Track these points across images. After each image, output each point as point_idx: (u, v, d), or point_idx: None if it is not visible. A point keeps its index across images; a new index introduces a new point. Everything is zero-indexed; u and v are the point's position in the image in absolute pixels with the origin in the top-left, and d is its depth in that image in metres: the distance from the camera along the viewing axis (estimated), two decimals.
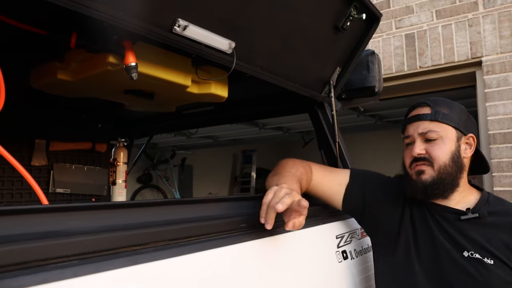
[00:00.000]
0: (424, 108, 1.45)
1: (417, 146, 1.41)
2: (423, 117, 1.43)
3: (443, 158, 1.39)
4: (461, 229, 1.38)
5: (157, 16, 1.16)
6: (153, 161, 7.79)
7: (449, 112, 1.43)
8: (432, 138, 1.40)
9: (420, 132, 1.42)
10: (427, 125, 1.41)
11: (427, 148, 1.41)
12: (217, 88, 1.72)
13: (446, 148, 1.40)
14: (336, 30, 1.75)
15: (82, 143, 2.65)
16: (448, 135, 1.41)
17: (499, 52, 3.42)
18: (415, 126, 1.44)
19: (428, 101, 1.47)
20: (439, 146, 1.40)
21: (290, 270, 1.25)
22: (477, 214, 1.37)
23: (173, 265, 0.88)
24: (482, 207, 1.40)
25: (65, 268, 0.71)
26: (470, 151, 1.46)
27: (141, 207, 0.95)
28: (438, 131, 1.40)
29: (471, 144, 1.46)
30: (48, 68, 1.54)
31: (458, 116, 1.43)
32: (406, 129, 1.49)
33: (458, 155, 1.42)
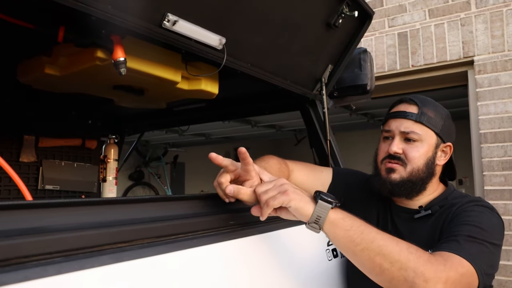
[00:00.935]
0: (411, 106, 1.42)
1: (395, 144, 1.39)
2: (408, 115, 1.40)
3: (417, 162, 1.38)
4: (412, 228, 1.39)
5: (146, 11, 1.14)
6: (145, 159, 7.77)
7: (435, 116, 1.41)
8: (413, 139, 1.38)
9: (402, 131, 1.39)
10: (410, 125, 1.39)
11: (405, 148, 1.39)
12: (208, 85, 1.71)
13: (423, 152, 1.38)
14: (328, 27, 1.74)
15: (72, 139, 2.63)
16: (428, 140, 1.39)
17: (491, 52, 3.43)
18: (398, 123, 1.41)
19: (416, 99, 1.44)
20: (417, 148, 1.38)
21: (279, 268, 1.24)
22: (429, 211, 1.37)
23: (159, 263, 0.87)
24: (437, 203, 1.39)
25: (47, 266, 0.70)
26: (444, 159, 1.45)
27: (127, 203, 0.94)
28: (420, 133, 1.38)
29: (447, 153, 1.45)
30: (36, 63, 1.52)
31: (442, 122, 1.42)
32: (388, 122, 1.46)
33: (432, 161, 1.41)
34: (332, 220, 1.05)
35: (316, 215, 1.04)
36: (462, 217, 1.26)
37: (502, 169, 3.30)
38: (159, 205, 1.01)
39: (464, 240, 1.16)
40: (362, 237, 1.04)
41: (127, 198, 0.97)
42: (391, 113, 1.47)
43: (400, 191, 1.40)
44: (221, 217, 1.12)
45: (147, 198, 1.00)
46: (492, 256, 1.19)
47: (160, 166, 8.09)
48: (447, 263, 1.06)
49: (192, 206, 1.10)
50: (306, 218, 1.05)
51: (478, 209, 1.29)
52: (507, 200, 3.24)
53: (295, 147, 6.79)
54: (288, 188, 1.06)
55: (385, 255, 1.03)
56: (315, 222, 1.05)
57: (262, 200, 1.05)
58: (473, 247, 1.15)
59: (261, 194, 1.05)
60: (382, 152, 1.45)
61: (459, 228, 1.21)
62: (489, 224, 1.24)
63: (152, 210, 0.98)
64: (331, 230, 1.06)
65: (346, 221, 1.06)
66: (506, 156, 3.29)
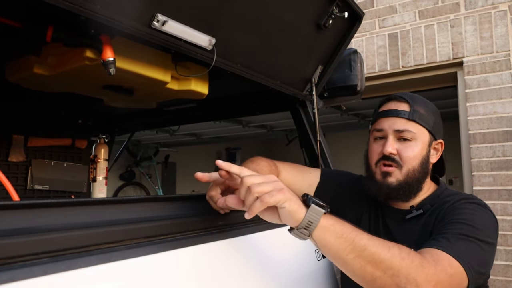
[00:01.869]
0: (402, 104, 1.37)
1: (389, 144, 1.33)
2: (401, 113, 1.35)
3: (413, 162, 1.33)
4: (404, 229, 1.35)
5: (136, 11, 1.14)
6: (136, 158, 7.73)
7: (426, 113, 1.36)
8: (406, 138, 1.33)
9: (396, 130, 1.34)
10: (404, 123, 1.34)
11: (399, 148, 1.34)
12: (197, 85, 1.70)
13: (418, 151, 1.33)
14: (318, 28, 1.75)
15: (62, 139, 2.61)
16: (422, 138, 1.35)
17: (480, 53, 3.46)
18: (391, 122, 1.35)
19: (406, 96, 1.39)
20: (412, 148, 1.33)
21: (269, 269, 1.25)
22: (421, 211, 1.34)
23: (147, 263, 0.87)
24: (428, 202, 1.35)
25: (34, 266, 0.69)
26: (436, 157, 1.41)
27: (115, 204, 0.94)
28: (414, 132, 1.33)
29: (439, 150, 1.41)
30: (25, 62, 1.51)
31: (433, 119, 1.37)
32: (379, 121, 1.39)
33: (427, 160, 1.36)
34: (323, 226, 0.99)
35: (307, 220, 0.97)
36: (453, 215, 1.22)
37: (490, 169, 3.33)
38: (148, 205, 1.01)
39: (454, 238, 1.13)
40: (354, 245, 0.99)
41: (115, 198, 0.97)
42: (381, 112, 1.41)
43: (397, 195, 1.35)
44: (210, 217, 1.13)
45: (136, 198, 1.00)
46: (484, 254, 1.16)
47: (151, 166, 8.07)
48: (438, 265, 1.03)
49: (181, 207, 1.10)
50: (296, 222, 0.98)
51: (470, 206, 1.25)
52: (496, 200, 3.27)
53: (286, 147, 6.79)
54: (283, 186, 0.99)
55: (377, 263, 0.98)
56: (305, 228, 0.98)
57: (254, 193, 0.95)
58: (464, 245, 1.12)
59: (253, 185, 0.96)
60: (375, 153, 1.38)
61: (450, 226, 1.18)
62: (481, 221, 1.20)
63: (141, 210, 0.98)
64: (322, 237, 0.99)
65: (337, 228, 1.00)
66: (494, 156, 3.31)
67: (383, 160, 1.35)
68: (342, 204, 1.54)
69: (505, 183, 3.26)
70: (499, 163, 3.29)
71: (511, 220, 3.20)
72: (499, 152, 3.30)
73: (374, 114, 1.46)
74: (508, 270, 3.18)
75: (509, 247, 3.19)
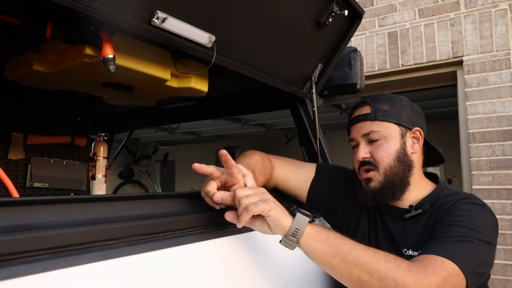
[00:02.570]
0: (365, 108, 1.40)
1: (361, 150, 1.37)
2: (363, 117, 1.38)
3: (387, 160, 1.34)
4: (404, 228, 1.35)
5: (136, 8, 1.14)
6: (135, 156, 7.74)
7: (390, 108, 1.37)
8: (375, 139, 1.35)
9: (363, 134, 1.37)
10: (368, 125, 1.37)
11: (371, 151, 1.36)
12: (197, 83, 1.70)
13: (390, 148, 1.35)
14: (318, 26, 1.75)
15: (61, 137, 2.61)
16: (391, 134, 1.36)
17: (480, 52, 3.46)
18: (358, 128, 1.40)
19: (368, 99, 1.42)
20: (383, 147, 1.35)
21: (266, 267, 1.25)
22: (420, 210, 1.33)
23: (146, 260, 0.86)
24: (428, 202, 1.35)
25: (33, 263, 0.69)
26: (418, 146, 1.40)
27: (115, 201, 0.94)
28: (379, 130, 1.35)
29: (418, 138, 1.40)
30: (24, 59, 1.51)
31: (400, 111, 1.38)
32: (351, 131, 1.44)
33: (404, 153, 1.36)
34: (308, 233, 1.04)
35: (294, 227, 1.03)
36: (451, 217, 1.22)
37: (490, 168, 3.33)
38: (147, 202, 1.01)
39: (450, 241, 1.13)
40: (339, 249, 1.02)
41: (115, 196, 0.97)
42: (349, 122, 1.46)
43: (383, 197, 1.36)
44: (209, 215, 1.12)
45: (135, 195, 1.00)
46: (483, 254, 1.16)
47: (150, 164, 8.07)
48: (428, 269, 1.03)
49: (180, 204, 1.10)
50: (284, 230, 1.04)
51: (469, 207, 1.25)
52: (495, 199, 3.28)
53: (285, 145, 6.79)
54: (269, 197, 1.05)
55: (363, 266, 1.01)
56: (292, 235, 1.03)
57: (242, 204, 1.02)
58: (460, 247, 1.11)
59: (241, 198, 1.03)
60: (355, 162, 1.42)
61: (447, 229, 1.18)
62: (479, 222, 1.20)
63: (140, 207, 0.98)
64: (308, 243, 1.04)
65: (322, 234, 1.05)
66: (494, 155, 3.32)
67: (362, 166, 1.39)
68: (339, 201, 1.54)
69: (504, 182, 3.26)
70: (499, 162, 3.30)
71: (510, 219, 3.20)
72: (499, 151, 3.30)
73: (347, 124, 1.49)
74: (506, 269, 3.18)
75: (508, 246, 3.19)
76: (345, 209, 1.52)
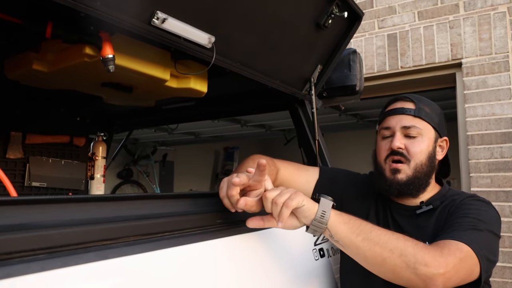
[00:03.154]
0: (408, 103, 1.44)
1: (397, 140, 1.39)
2: (407, 111, 1.41)
3: (420, 157, 1.39)
4: (416, 223, 1.40)
5: (136, 8, 1.14)
6: (134, 157, 7.73)
7: (431, 111, 1.43)
8: (413, 134, 1.39)
9: (403, 126, 1.40)
10: (410, 120, 1.40)
11: (407, 144, 1.39)
12: (197, 83, 1.70)
13: (425, 147, 1.39)
14: (317, 27, 1.75)
15: (60, 136, 2.61)
16: (428, 134, 1.41)
17: (479, 55, 3.46)
18: (398, 119, 1.42)
19: (411, 96, 1.46)
20: (419, 143, 1.39)
21: (266, 267, 1.25)
22: (431, 206, 1.38)
23: (144, 260, 0.86)
24: (437, 199, 1.41)
25: (31, 262, 0.69)
26: (442, 154, 1.47)
27: (113, 201, 0.94)
28: (420, 128, 1.39)
29: (444, 148, 1.47)
30: (24, 58, 1.51)
31: (437, 117, 1.44)
32: (386, 120, 1.46)
33: (433, 156, 1.42)
34: (333, 215, 1.11)
35: (321, 210, 1.09)
36: (461, 210, 1.30)
37: (488, 170, 3.33)
38: (146, 202, 1.01)
39: (463, 228, 1.21)
40: (361, 229, 1.11)
41: (113, 196, 0.97)
42: (388, 111, 1.47)
43: (408, 190, 1.40)
44: (208, 215, 1.12)
45: (134, 196, 1.00)
46: (492, 243, 1.24)
47: (149, 165, 8.06)
48: (444, 249, 1.10)
49: (179, 205, 1.10)
50: (312, 215, 1.10)
51: (477, 203, 1.32)
52: (493, 201, 3.27)
53: (285, 146, 6.79)
54: (297, 190, 1.10)
55: (384, 244, 1.08)
56: (320, 217, 1.09)
57: (279, 203, 1.06)
58: (473, 233, 1.19)
59: (276, 197, 1.07)
60: (383, 150, 1.44)
61: (459, 220, 1.25)
62: (488, 216, 1.28)
63: (138, 208, 0.97)
64: (334, 224, 1.11)
65: (344, 216, 1.13)
66: (492, 158, 3.32)
67: (392, 155, 1.41)
68: (344, 201, 1.55)
69: (503, 185, 3.27)
70: (497, 164, 3.30)
71: (508, 222, 3.20)
72: (497, 153, 3.31)
73: (381, 114, 1.52)
74: (504, 271, 3.18)
75: (506, 249, 3.19)
76: (352, 206, 1.53)
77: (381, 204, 1.51)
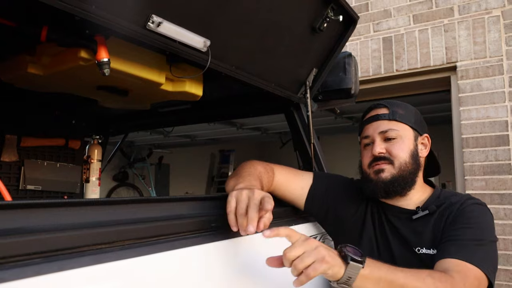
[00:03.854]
0: (382, 109, 1.49)
1: (377, 145, 1.43)
2: (381, 116, 1.46)
3: (403, 156, 1.42)
4: (413, 228, 1.41)
5: (131, 12, 1.14)
6: (130, 159, 7.71)
7: (405, 112, 1.47)
8: (392, 137, 1.43)
9: (380, 131, 1.44)
10: (386, 124, 1.44)
11: (387, 147, 1.43)
12: (192, 87, 1.71)
13: (406, 146, 1.43)
14: (313, 31, 1.75)
15: (55, 139, 2.60)
16: (407, 134, 1.45)
17: (473, 58, 3.48)
18: (375, 126, 1.46)
19: (384, 102, 1.51)
20: (399, 144, 1.43)
21: (261, 271, 1.25)
22: (427, 211, 1.40)
23: (139, 264, 0.86)
24: (432, 203, 1.43)
25: (26, 267, 0.69)
26: (426, 151, 1.50)
27: (108, 205, 0.93)
28: (397, 130, 1.44)
29: (426, 145, 1.50)
30: (19, 61, 1.50)
31: (413, 117, 1.48)
32: (365, 129, 1.50)
33: (416, 154, 1.46)
34: (362, 276, 1.05)
35: (347, 276, 1.03)
36: (464, 219, 1.32)
37: (483, 173, 3.35)
38: (141, 206, 1.01)
39: (470, 245, 1.24)
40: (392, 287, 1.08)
41: (108, 199, 0.96)
42: (365, 120, 1.53)
43: (394, 188, 1.42)
44: (203, 219, 1.12)
45: (129, 199, 0.99)
46: (494, 253, 1.29)
47: (145, 167, 8.06)
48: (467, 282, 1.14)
49: (174, 208, 1.10)
50: (336, 279, 1.04)
51: (477, 208, 1.36)
52: (488, 204, 3.25)
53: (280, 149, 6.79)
54: (324, 253, 1.02)
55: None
56: (344, 283, 1.04)
57: (298, 269, 1.00)
58: (481, 252, 1.23)
59: (296, 262, 1.00)
60: (366, 157, 1.48)
61: (464, 231, 1.29)
62: (487, 222, 1.33)
63: (134, 211, 0.97)
64: (361, 286, 1.06)
65: (375, 274, 1.07)
66: (487, 160, 3.34)
67: (375, 161, 1.45)
68: (338, 207, 1.58)
69: (497, 187, 3.28)
70: (492, 167, 3.32)
71: (502, 224, 3.22)
72: (492, 156, 3.32)
73: (360, 125, 1.57)
74: (499, 273, 3.19)
75: (501, 251, 3.20)
76: (347, 209, 1.56)
77: (375, 207, 1.52)
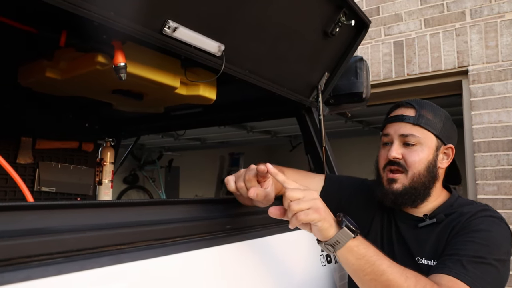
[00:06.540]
0: (409, 110, 1.39)
1: (394, 149, 1.36)
2: (406, 118, 1.37)
3: (418, 167, 1.34)
4: (418, 236, 1.36)
5: (147, 17, 1.16)
6: (140, 162, 7.75)
7: (433, 118, 1.37)
8: (411, 143, 1.35)
9: (400, 134, 1.36)
10: (409, 128, 1.36)
11: (404, 153, 1.35)
12: (206, 90, 1.72)
13: (423, 156, 1.35)
14: (325, 35, 1.77)
15: (69, 142, 2.63)
16: (428, 143, 1.35)
17: (485, 62, 3.47)
18: (396, 127, 1.38)
19: (413, 102, 1.41)
20: (417, 153, 1.34)
21: (274, 273, 1.26)
22: (434, 220, 1.34)
23: (157, 265, 0.88)
24: (442, 211, 1.35)
25: (49, 266, 0.71)
26: (447, 162, 1.41)
27: (127, 206, 0.96)
28: (418, 136, 1.34)
29: (449, 155, 1.41)
30: (37, 66, 1.53)
31: (442, 124, 1.38)
32: (387, 127, 1.43)
33: (434, 165, 1.37)
34: (348, 246, 1.05)
35: (335, 239, 1.04)
36: (469, 232, 1.22)
37: (495, 178, 3.33)
38: (158, 208, 1.03)
39: (468, 262, 1.14)
40: (372, 268, 1.05)
41: (127, 201, 0.98)
42: (388, 118, 1.45)
43: (403, 200, 1.36)
44: (217, 221, 1.14)
45: (146, 201, 1.02)
46: (498, 275, 1.17)
47: (155, 170, 8.08)
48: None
49: (189, 210, 1.12)
50: (325, 239, 1.05)
51: (487, 221, 1.25)
52: (500, 209, 3.27)
53: (290, 153, 6.81)
54: (320, 205, 1.04)
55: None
56: (331, 245, 1.05)
57: (292, 210, 1.02)
58: (478, 269, 1.13)
59: (292, 203, 1.03)
60: (382, 158, 1.42)
61: (466, 247, 1.19)
62: (497, 239, 1.21)
63: (150, 213, 0.99)
64: (344, 255, 1.06)
65: (361, 249, 1.06)
66: (499, 165, 3.32)
67: (389, 165, 1.38)
68: (351, 206, 1.55)
69: (509, 192, 3.26)
70: (504, 172, 3.30)
71: None
72: (504, 161, 3.30)
73: (384, 120, 1.49)
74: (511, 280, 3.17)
75: None
76: (357, 211, 1.51)
77: (386, 211, 1.48)
